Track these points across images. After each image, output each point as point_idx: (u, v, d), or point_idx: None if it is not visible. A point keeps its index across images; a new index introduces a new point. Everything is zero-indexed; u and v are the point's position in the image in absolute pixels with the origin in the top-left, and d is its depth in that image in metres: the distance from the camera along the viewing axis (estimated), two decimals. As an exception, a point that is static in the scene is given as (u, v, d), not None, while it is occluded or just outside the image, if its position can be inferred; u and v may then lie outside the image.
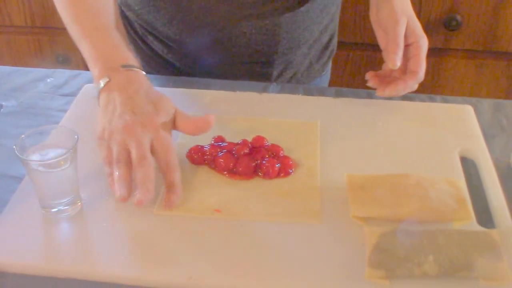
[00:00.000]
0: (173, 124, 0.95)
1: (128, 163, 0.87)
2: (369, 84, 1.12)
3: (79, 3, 1.05)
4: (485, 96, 1.79)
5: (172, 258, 0.81)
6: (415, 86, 1.09)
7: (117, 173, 0.87)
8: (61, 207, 0.87)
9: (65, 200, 0.86)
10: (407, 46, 1.09)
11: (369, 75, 1.13)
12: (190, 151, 0.97)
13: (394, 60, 1.06)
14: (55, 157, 0.82)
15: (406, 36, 1.09)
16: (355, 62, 2.08)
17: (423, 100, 1.16)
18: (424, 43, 1.09)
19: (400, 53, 1.06)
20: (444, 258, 0.78)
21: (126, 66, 0.96)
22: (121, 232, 0.86)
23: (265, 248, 0.83)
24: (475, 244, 0.80)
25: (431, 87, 2.05)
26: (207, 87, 1.17)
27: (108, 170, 0.89)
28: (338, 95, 1.17)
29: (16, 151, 0.81)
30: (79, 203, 0.89)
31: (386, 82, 1.09)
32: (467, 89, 2.08)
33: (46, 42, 2.16)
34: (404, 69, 1.09)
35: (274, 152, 0.97)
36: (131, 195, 0.86)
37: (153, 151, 0.89)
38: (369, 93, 1.16)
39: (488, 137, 1.06)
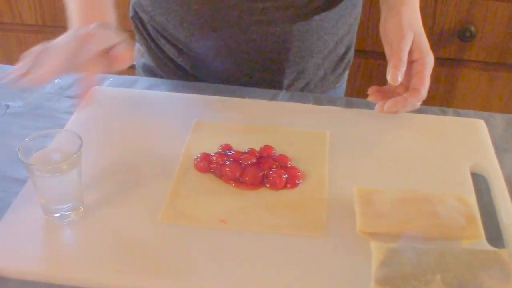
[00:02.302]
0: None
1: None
2: (370, 99, 1.10)
3: None
4: (497, 109, 1.78)
5: (175, 269, 0.80)
6: (418, 105, 1.06)
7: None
8: (64, 212, 0.85)
9: (68, 205, 0.85)
10: (411, 62, 1.06)
11: (371, 90, 1.11)
12: (197, 158, 0.96)
13: (395, 75, 1.03)
14: (58, 162, 0.81)
15: (411, 52, 1.06)
16: (368, 70, 2.06)
17: (434, 113, 1.14)
18: (429, 60, 1.06)
19: (402, 68, 1.03)
20: (451, 278, 0.76)
21: (101, 25, 0.97)
22: (123, 239, 0.84)
23: (268, 260, 0.81)
24: (483, 263, 0.78)
25: (443, 98, 2.03)
26: (216, 92, 1.16)
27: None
28: (348, 105, 1.15)
29: (19, 155, 0.80)
30: (82, 209, 0.87)
31: (388, 98, 1.07)
32: (479, 101, 2.07)
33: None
34: (408, 86, 1.06)
35: (281, 162, 0.96)
36: None
37: None
38: (380, 104, 1.14)
39: (500, 152, 1.04)
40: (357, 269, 0.80)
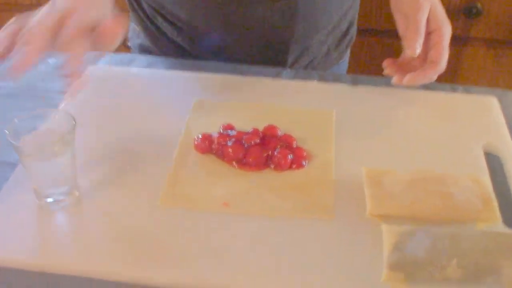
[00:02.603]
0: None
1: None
2: (386, 72, 1.07)
3: None
4: (503, 87, 1.74)
5: (176, 256, 0.76)
6: (435, 77, 1.03)
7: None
8: (57, 197, 0.81)
9: (61, 189, 0.81)
10: (428, 33, 1.03)
11: (386, 63, 1.08)
12: (197, 138, 0.92)
13: (413, 47, 1.00)
14: (50, 144, 0.77)
15: (427, 23, 1.03)
16: (371, 49, 2.04)
17: (444, 90, 1.10)
18: (447, 31, 1.03)
19: (420, 40, 1.00)
20: (468, 262, 0.72)
21: None
22: (121, 225, 0.80)
23: (274, 245, 0.78)
24: (501, 247, 0.74)
25: (448, 76, 1.99)
26: (216, 70, 1.12)
27: None
28: (355, 82, 1.11)
29: (8, 137, 0.75)
30: (76, 193, 0.83)
31: (404, 71, 1.04)
32: (485, 79, 2.03)
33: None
34: (425, 58, 1.03)
35: (286, 142, 0.92)
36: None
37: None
38: (387, 81, 1.10)
39: (513, 131, 1.00)
40: (368, 254, 0.76)
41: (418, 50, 1.00)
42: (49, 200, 0.81)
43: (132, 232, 0.79)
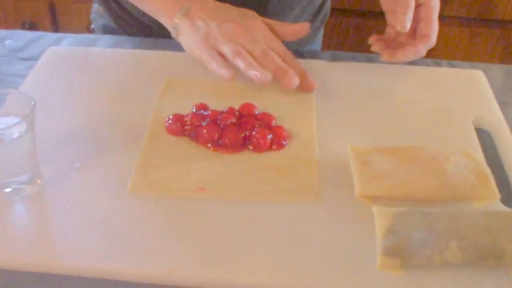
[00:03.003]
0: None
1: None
2: (373, 49, 1.03)
3: None
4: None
5: (149, 247, 0.69)
6: (424, 52, 1.00)
7: (242, 63, 0.90)
8: (16, 186, 0.74)
9: (21, 178, 0.74)
10: (417, 7, 0.99)
11: (372, 39, 1.03)
12: (168, 120, 0.85)
13: (403, 21, 0.96)
14: (7, 127, 0.70)
15: None
16: (343, 29, 2.03)
17: (428, 65, 1.05)
18: (435, 4, 1.00)
19: (410, 14, 0.97)
20: (468, 244, 0.66)
21: None
22: (88, 216, 0.73)
23: (255, 233, 0.71)
24: (502, 226, 0.68)
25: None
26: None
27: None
28: (333, 59, 1.05)
29: (-43, 119, 0.68)
30: (39, 181, 0.76)
31: (391, 47, 1.00)
32: (460, 58, 2.00)
33: (11, 5, 2.03)
34: (411, 34, 1.00)
35: (265, 121, 0.86)
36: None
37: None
38: (368, 57, 1.06)
39: (500, 105, 0.95)
40: (360, 240, 0.70)
41: (408, 24, 0.97)
42: (7, 190, 0.74)
43: (100, 223, 0.72)
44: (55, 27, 2.11)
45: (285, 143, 0.84)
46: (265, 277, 0.66)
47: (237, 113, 0.87)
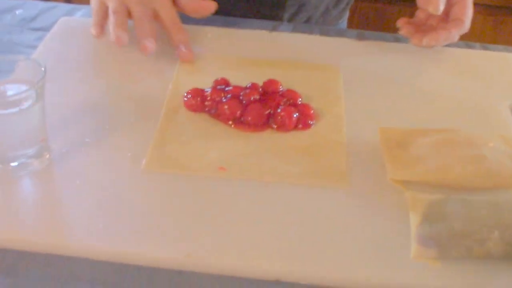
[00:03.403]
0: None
1: (126, 15, 0.89)
2: (402, 32, 0.98)
3: None
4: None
5: (165, 229, 0.64)
6: (457, 37, 0.95)
7: (112, 22, 0.88)
8: (24, 160, 0.70)
9: (29, 151, 0.70)
10: None
11: (401, 22, 0.98)
12: (187, 95, 0.80)
13: (436, 3, 0.91)
14: (15, 95, 0.65)
15: None
16: (363, 14, 1.98)
17: (460, 47, 1.00)
18: None
19: None
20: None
21: None
22: (99, 194, 0.68)
23: (279, 217, 0.66)
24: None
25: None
26: (205, 23, 1.01)
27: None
28: (360, 38, 0.99)
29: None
30: (47, 156, 0.72)
31: (421, 31, 0.96)
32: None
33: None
34: (443, 17, 0.96)
35: (291, 98, 0.81)
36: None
37: (156, 16, 0.91)
38: (396, 37, 1.00)
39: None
40: (391, 227, 0.65)
41: (442, 6, 0.92)
42: (14, 164, 0.70)
43: (113, 202, 0.68)
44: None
45: (311, 123, 0.79)
46: (289, 265, 0.61)
47: (260, 89, 0.82)
